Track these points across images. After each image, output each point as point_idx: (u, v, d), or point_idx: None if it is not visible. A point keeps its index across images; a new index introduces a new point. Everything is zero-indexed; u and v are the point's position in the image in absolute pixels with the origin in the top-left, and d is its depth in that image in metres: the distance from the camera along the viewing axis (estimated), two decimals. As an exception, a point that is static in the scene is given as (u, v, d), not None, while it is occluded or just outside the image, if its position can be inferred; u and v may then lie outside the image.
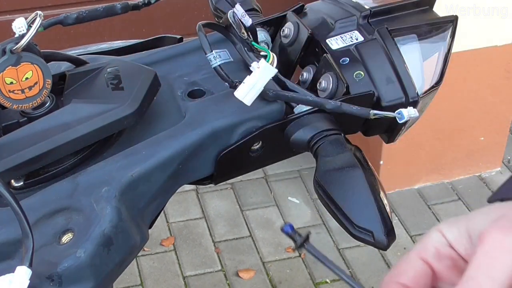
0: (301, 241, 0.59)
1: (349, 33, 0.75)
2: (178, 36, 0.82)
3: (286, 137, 0.67)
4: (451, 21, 0.77)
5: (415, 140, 2.22)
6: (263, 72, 0.65)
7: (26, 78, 0.64)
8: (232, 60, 0.74)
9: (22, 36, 0.63)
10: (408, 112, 0.61)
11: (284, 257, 2.31)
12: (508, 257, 0.52)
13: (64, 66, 0.74)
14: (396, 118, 0.61)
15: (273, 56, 0.68)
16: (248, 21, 0.70)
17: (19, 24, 0.63)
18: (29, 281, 0.53)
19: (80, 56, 0.74)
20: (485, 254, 0.53)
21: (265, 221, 2.44)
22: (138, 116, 0.66)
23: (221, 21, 0.74)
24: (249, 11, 0.80)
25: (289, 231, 0.60)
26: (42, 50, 0.67)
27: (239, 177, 0.73)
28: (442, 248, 0.57)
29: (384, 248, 0.55)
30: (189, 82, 0.74)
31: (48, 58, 0.67)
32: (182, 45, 0.79)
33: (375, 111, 0.63)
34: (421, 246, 0.57)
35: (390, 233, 0.55)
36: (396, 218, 2.31)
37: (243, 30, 0.70)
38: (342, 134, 0.65)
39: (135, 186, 0.63)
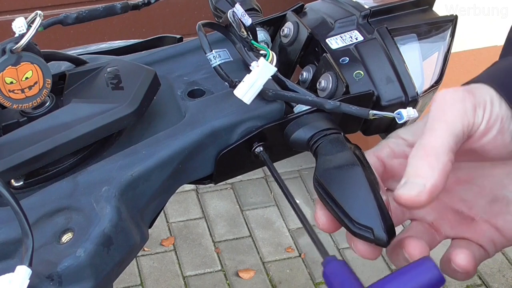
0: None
1: (348, 32, 0.75)
2: (178, 36, 0.82)
3: (286, 136, 0.68)
4: (451, 21, 0.78)
5: (415, 140, 2.22)
6: (262, 70, 0.65)
7: (26, 78, 0.64)
8: (232, 59, 0.74)
9: (22, 35, 0.63)
10: (407, 113, 0.61)
11: (284, 257, 2.31)
12: (459, 104, 0.56)
13: (64, 65, 0.74)
14: (396, 118, 0.62)
15: (273, 55, 0.68)
16: (247, 20, 0.70)
17: (19, 24, 0.63)
18: (29, 281, 0.53)
19: (80, 56, 0.74)
20: (438, 105, 0.56)
21: (265, 221, 2.44)
22: (138, 115, 0.66)
23: (221, 20, 0.74)
24: (249, 10, 0.80)
25: None
26: (42, 50, 0.67)
27: (239, 177, 0.73)
28: (397, 147, 0.62)
29: (384, 244, 0.55)
30: (189, 81, 0.74)
31: (48, 57, 0.68)
32: (182, 44, 0.79)
33: (374, 111, 0.63)
34: (377, 147, 0.63)
35: (390, 230, 0.55)
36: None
37: (243, 29, 0.70)
38: (342, 133, 0.65)
39: (135, 186, 0.63)
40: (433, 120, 0.56)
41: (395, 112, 0.62)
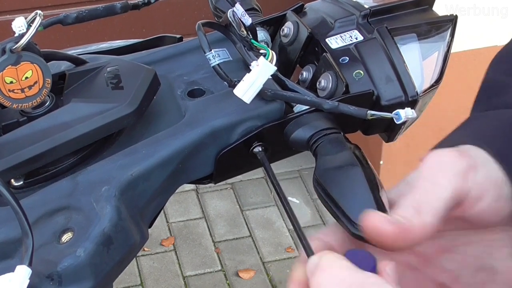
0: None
1: (348, 32, 0.75)
2: (178, 36, 0.82)
3: (285, 136, 0.68)
4: (451, 20, 0.78)
5: (415, 140, 2.22)
6: (262, 69, 0.65)
7: (26, 78, 0.64)
8: (231, 59, 0.74)
9: (22, 35, 0.63)
10: (405, 113, 0.61)
11: (284, 257, 2.31)
12: (450, 166, 0.52)
13: (64, 65, 0.74)
14: (394, 118, 0.61)
15: (272, 54, 0.68)
16: (247, 20, 0.70)
17: (18, 24, 0.63)
18: (28, 280, 0.53)
19: (80, 56, 0.74)
20: (429, 166, 0.53)
21: (265, 221, 2.44)
22: (138, 115, 0.66)
23: (220, 20, 0.74)
24: (249, 10, 0.80)
25: None
26: (41, 50, 0.67)
27: (239, 177, 0.74)
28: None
29: None
30: (189, 81, 0.74)
31: (48, 57, 0.68)
32: (182, 44, 0.79)
33: (372, 112, 0.63)
34: None
35: None
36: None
37: (243, 29, 0.70)
38: (342, 133, 0.65)
39: (135, 185, 0.63)
40: (424, 180, 0.52)
41: (393, 112, 0.61)
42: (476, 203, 0.53)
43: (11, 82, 0.64)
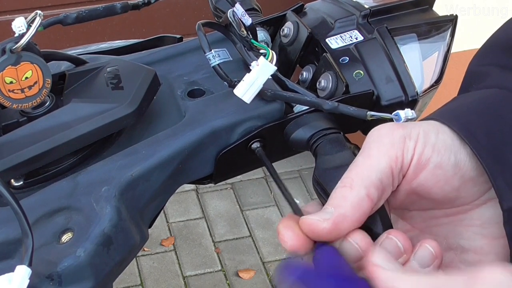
0: None
1: (348, 32, 0.75)
2: (178, 36, 0.82)
3: (285, 136, 0.68)
4: (451, 20, 0.78)
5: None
6: (262, 69, 0.65)
7: (26, 78, 0.64)
8: (232, 59, 0.74)
9: (22, 35, 0.63)
10: (405, 114, 0.61)
11: (284, 257, 2.31)
12: (386, 138, 0.54)
13: (64, 65, 0.74)
14: (393, 119, 0.62)
15: (272, 54, 0.68)
16: (248, 20, 0.70)
17: (18, 24, 0.63)
18: (28, 281, 0.53)
19: (80, 56, 0.74)
20: (367, 140, 0.54)
21: (265, 221, 2.44)
22: (138, 115, 0.66)
23: (221, 20, 0.74)
24: (249, 10, 0.81)
25: None
26: (41, 50, 0.67)
27: (239, 177, 0.74)
28: None
29: None
30: (189, 81, 0.74)
31: (48, 57, 0.68)
32: (182, 44, 0.79)
33: (372, 112, 0.63)
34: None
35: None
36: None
37: (243, 29, 0.70)
38: (342, 133, 0.65)
39: (134, 186, 0.63)
40: (358, 156, 0.54)
41: (393, 113, 0.62)
42: (419, 171, 0.54)
43: (11, 82, 0.64)
